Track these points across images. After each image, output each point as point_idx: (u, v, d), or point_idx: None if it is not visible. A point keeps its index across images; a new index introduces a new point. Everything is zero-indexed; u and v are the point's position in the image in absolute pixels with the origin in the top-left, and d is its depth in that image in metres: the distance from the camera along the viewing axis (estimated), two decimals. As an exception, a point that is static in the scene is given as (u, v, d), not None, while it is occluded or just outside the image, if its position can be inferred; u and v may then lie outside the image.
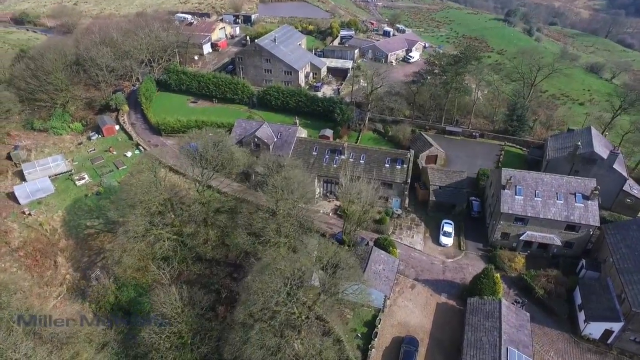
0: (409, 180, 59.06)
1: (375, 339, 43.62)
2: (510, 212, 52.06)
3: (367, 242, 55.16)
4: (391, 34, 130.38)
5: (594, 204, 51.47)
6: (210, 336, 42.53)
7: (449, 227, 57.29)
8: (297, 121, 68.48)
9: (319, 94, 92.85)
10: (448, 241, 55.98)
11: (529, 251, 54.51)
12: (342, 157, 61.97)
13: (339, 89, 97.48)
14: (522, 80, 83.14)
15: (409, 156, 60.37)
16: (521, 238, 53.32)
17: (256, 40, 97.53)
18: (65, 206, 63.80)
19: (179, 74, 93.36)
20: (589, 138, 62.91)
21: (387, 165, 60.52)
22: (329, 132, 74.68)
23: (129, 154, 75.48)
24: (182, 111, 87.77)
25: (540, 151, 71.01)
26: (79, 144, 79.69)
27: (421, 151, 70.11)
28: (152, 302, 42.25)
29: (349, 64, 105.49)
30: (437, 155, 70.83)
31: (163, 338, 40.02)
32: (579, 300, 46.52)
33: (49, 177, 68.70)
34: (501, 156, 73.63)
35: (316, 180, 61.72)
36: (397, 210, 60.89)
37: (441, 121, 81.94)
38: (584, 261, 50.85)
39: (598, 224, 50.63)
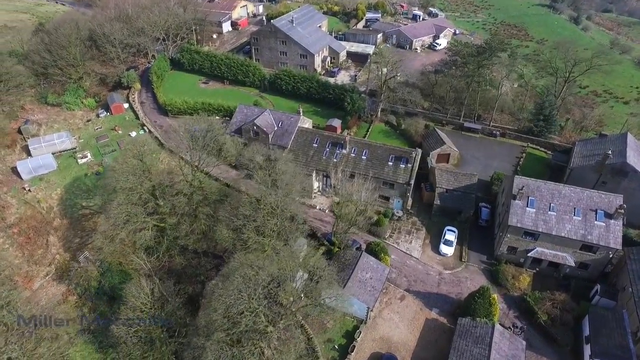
0: (412, 182, 54.73)
1: (352, 353, 40.80)
2: (519, 225, 47.07)
3: (359, 246, 51.85)
4: (420, 18, 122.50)
5: (617, 224, 45.59)
6: (180, 333, 41.07)
7: (451, 235, 52.90)
8: (301, 110, 64.83)
9: (335, 80, 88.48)
10: (448, 250, 51.73)
11: (537, 269, 49.53)
12: (344, 151, 58.22)
13: (356, 75, 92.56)
14: (555, 75, 75.26)
15: (414, 155, 55.82)
16: (529, 254, 48.33)
17: (272, 21, 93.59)
18: (64, 184, 63.92)
19: (192, 53, 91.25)
20: (623, 146, 55.93)
21: (391, 164, 56.30)
22: (336, 123, 70.71)
23: (133, 133, 74.68)
24: (192, 92, 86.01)
25: (566, 156, 64.29)
26: (88, 120, 79.71)
27: (432, 148, 65.15)
28: (124, 295, 41.07)
29: (370, 49, 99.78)
30: (449, 154, 65.66)
31: (131, 333, 38.87)
32: (587, 331, 41.60)
33: (53, 153, 69.02)
34: (521, 159, 67.41)
35: (314, 175, 58.50)
36: (397, 212, 56.91)
37: (460, 116, 75.95)
38: (598, 286, 45.50)
39: (619, 247, 44.90)
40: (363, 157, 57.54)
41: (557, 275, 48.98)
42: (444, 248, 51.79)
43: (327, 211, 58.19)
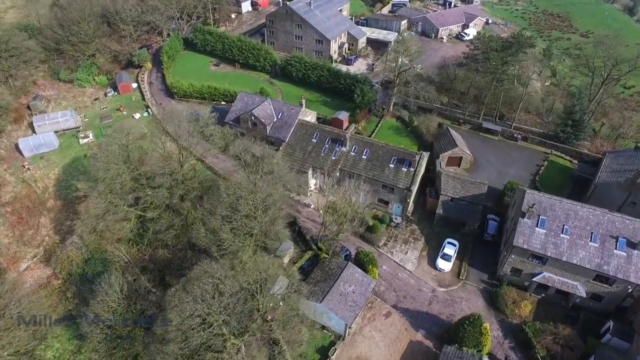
0: (413, 188, 50.40)
1: (324, 373, 38.17)
2: (526, 247, 42.24)
3: (349, 253, 48.52)
4: (452, 4, 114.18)
5: (641, 255, 40.02)
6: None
7: (450, 249, 48.60)
8: (304, 101, 61.00)
9: (348, 69, 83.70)
10: (446, 266, 47.57)
11: (543, 295, 44.73)
12: (343, 149, 54.36)
13: (373, 64, 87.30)
14: (592, 76, 67.55)
15: (417, 158, 51.26)
16: (535, 279, 43.53)
17: (288, 3, 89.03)
18: (63, 164, 63.54)
19: (204, 34, 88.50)
20: (660, 163, 49.27)
21: (392, 166, 52.06)
22: (343, 116, 66.49)
23: (137, 115, 73.38)
24: (202, 74, 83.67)
25: (594, 169, 57.77)
26: (95, 99, 79.04)
27: (443, 150, 60.18)
28: (94, 289, 39.81)
29: (392, 36, 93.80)
30: (461, 158, 60.50)
31: (97, 331, 37.68)
32: (590, 373, 37.07)
33: (57, 132, 68.75)
34: (542, 167, 61.31)
35: (310, 172, 55.12)
36: (395, 218, 52.92)
37: (480, 115, 69.94)
38: (611, 323, 40.38)
39: (640, 282, 39.50)
40: (363, 156, 53.53)
41: (565, 305, 44.06)
42: (441, 263, 47.66)
43: (321, 211, 54.86)
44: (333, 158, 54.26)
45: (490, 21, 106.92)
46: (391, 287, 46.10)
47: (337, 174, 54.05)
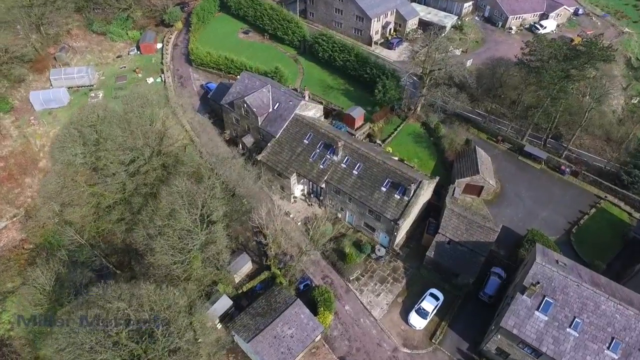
0: (401, 221, 41.84)
1: None
2: (516, 332, 33.01)
3: (309, 283, 42.29)
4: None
5: (673, 383, 29.23)
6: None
7: (429, 304, 40.29)
8: (307, 93, 53.20)
9: (391, 55, 73.29)
10: (419, 323, 39.61)
11: (530, 389, 35.55)
12: (334, 158, 46.68)
13: (418, 52, 75.25)
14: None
15: (413, 187, 42.18)
16: (522, 370, 34.45)
17: (332, -32, 78.48)
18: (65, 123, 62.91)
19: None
20: None
21: (384, 189, 43.66)
22: (357, 113, 57.70)
23: (150, 80, 70.38)
24: (228, 41, 78.07)
25: (655, 233, 44.59)
26: (118, 56, 77.15)
27: (462, 174, 50.01)
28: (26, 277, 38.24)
29: (449, 20, 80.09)
30: (482, 187, 49.91)
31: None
32: None
33: (71, 88, 68.20)
34: (587, 215, 48.83)
35: (294, 178, 48.48)
36: (378, 250, 45.12)
37: (525, 133, 57.16)
38: None
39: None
40: (354, 171, 45.54)
41: (555, 409, 34.65)
42: (414, 318, 39.74)
43: (299, 224, 48.59)
44: (321, 167, 46.94)
45: (580, 11, 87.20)
46: (346, 334, 39.51)
47: (323, 185, 46.91)
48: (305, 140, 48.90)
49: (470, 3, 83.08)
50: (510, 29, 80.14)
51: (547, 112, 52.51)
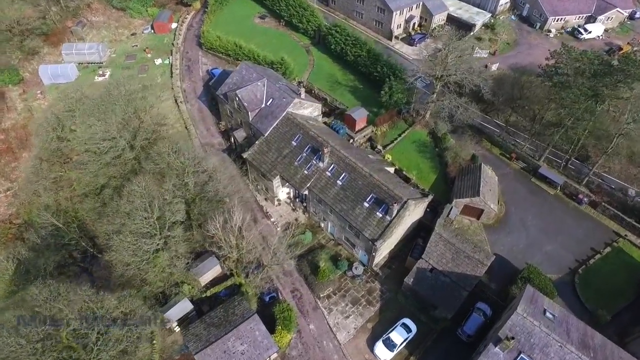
0: (379, 242, 38.37)
1: None
2: (481, 386, 29.41)
3: (274, 295, 40.00)
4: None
5: None
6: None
7: (399, 335, 37.00)
8: (303, 90, 49.76)
9: (410, 52, 68.30)
10: (385, 354, 36.45)
11: None
12: (320, 164, 43.51)
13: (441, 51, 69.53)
14: None
15: (396, 207, 38.41)
16: None
17: (357, -46, 73.33)
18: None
19: (259, -21, 78.47)
20: None
21: (366, 205, 40.21)
22: (359, 115, 53.84)
23: (158, 61, 69.14)
24: (243, 26, 75.39)
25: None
26: (132, 34, 76.36)
27: (461, 194, 45.60)
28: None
29: (481, 17, 73.41)
30: (482, 210, 45.32)
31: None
32: None
33: (81, 63, 68.20)
34: (599, 254, 43.35)
35: (278, 181, 45.82)
36: (355, 268, 41.99)
37: (543, 153, 51.35)
38: None
39: None
40: (339, 181, 42.25)
41: None
42: (379, 348, 36.68)
43: (279, 229, 46.13)
44: (305, 172, 43.94)
45: (638, 15, 77.36)
46: (305, 356, 37.09)
47: (306, 192, 44.03)
48: (293, 142, 45.93)
49: (508, 0, 75.53)
50: (549, 31, 72.29)
51: (568, 134, 46.49)
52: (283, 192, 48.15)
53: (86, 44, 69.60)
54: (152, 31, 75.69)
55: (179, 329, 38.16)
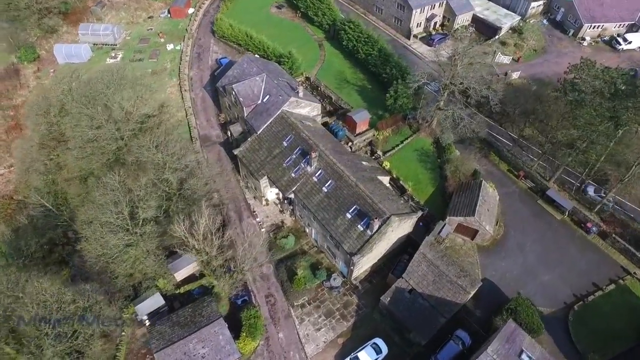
0: (356, 257, 36.59)
1: None
2: None
3: (246, 300, 39.14)
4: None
5: None
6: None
7: (367, 356, 35.34)
8: (300, 89, 47.86)
9: (426, 54, 64.93)
10: (350, 374, 35.15)
11: None
12: (308, 168, 41.90)
13: (461, 53, 65.63)
14: None
15: (377, 223, 36.39)
16: None
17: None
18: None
19: (278, -34, 76.35)
20: None
21: (349, 216, 38.41)
22: (360, 117, 51.59)
23: (170, 46, 68.80)
24: (258, 15, 74.01)
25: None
26: (149, 17, 76.33)
27: (456, 211, 42.99)
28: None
29: (509, 20, 68.61)
30: (477, 231, 42.57)
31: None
32: None
33: (95, 44, 68.87)
34: (602, 290, 39.86)
35: (266, 181, 44.59)
36: (334, 280, 40.43)
37: (555, 172, 47.58)
38: None
39: None
40: (324, 188, 40.56)
41: None
42: (345, 368, 35.33)
43: (263, 230, 45.09)
44: (293, 175, 42.47)
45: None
46: (270, 366, 36.25)
47: (291, 196, 42.64)
48: (284, 142, 44.46)
49: (541, 3, 70.21)
50: (583, 39, 66.70)
51: (580, 158, 42.68)
52: (272, 193, 46.96)
53: (102, 25, 70.06)
54: (169, 15, 75.39)
55: (149, 322, 38.07)
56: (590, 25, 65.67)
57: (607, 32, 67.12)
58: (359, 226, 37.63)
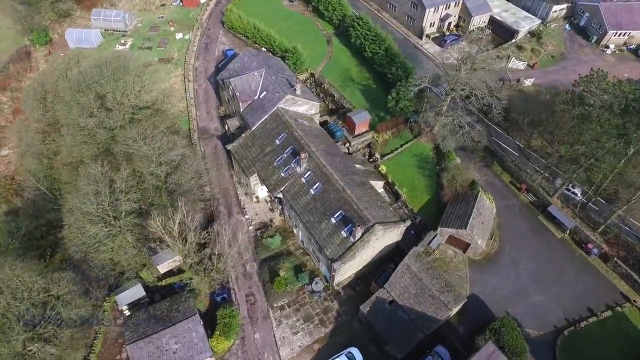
0: (337, 264, 35.69)
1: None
2: None
3: (226, 298, 38.82)
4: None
5: None
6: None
7: (339, 366, 34.71)
8: (298, 86, 46.79)
9: (436, 55, 62.81)
10: (322, 382, 34.50)
11: None
12: (297, 169, 41.06)
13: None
14: None
15: (360, 231, 35.32)
16: None
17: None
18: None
19: (293, -42, 74.91)
20: None
21: (333, 221, 37.46)
22: (360, 118, 50.19)
23: (179, 35, 68.64)
24: (269, 7, 73.16)
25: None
26: (162, 5, 76.33)
27: (449, 223, 41.47)
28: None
29: (528, 24, 65.58)
30: (468, 244, 40.98)
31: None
32: None
33: (107, 30, 69.35)
34: (597, 316, 37.81)
35: (256, 178, 43.99)
36: (316, 283, 39.68)
37: (560, 186, 45.28)
38: None
39: None
40: (312, 190, 39.67)
41: None
42: (318, 375, 34.71)
43: (252, 228, 44.62)
44: (282, 174, 41.70)
45: None
46: (242, 368, 35.93)
47: (280, 196, 41.95)
48: (277, 141, 43.67)
49: (564, 6, 66.67)
50: (607, 47, 63.10)
51: (582, 175, 40.35)
52: (263, 190, 46.29)
53: (113, 11, 70.38)
54: (181, 3, 75.19)
55: (129, 313, 38.25)
56: (616, 32, 62.01)
57: (634, 40, 63.29)
58: (342, 232, 36.66)
